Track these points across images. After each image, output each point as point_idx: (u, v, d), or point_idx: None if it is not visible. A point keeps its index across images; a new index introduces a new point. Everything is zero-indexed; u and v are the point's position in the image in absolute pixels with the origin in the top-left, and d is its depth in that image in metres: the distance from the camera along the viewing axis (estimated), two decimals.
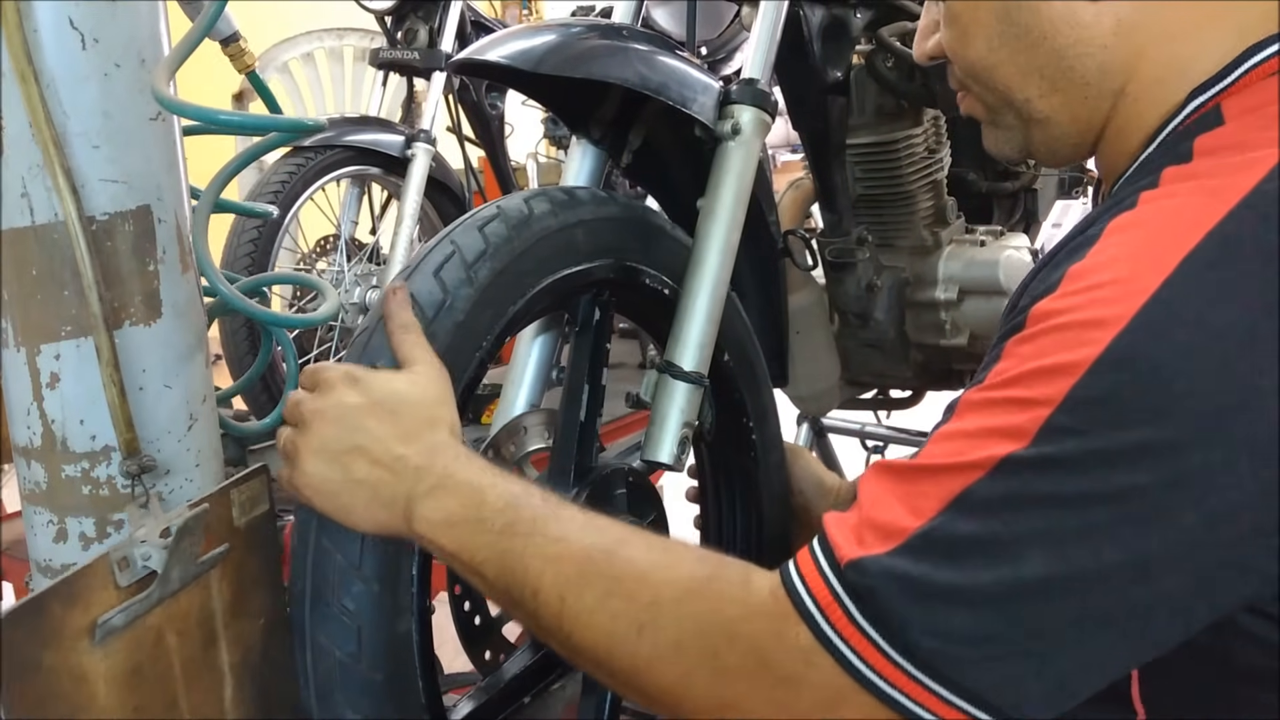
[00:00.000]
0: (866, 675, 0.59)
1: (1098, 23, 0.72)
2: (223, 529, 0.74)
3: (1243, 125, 0.67)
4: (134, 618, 0.67)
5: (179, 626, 0.71)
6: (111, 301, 0.75)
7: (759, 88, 1.06)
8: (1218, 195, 0.61)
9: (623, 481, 0.98)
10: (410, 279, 0.86)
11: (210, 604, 0.73)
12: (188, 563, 0.70)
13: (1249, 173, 0.61)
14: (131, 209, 0.76)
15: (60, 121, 0.72)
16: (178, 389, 0.79)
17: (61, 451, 0.76)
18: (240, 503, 0.76)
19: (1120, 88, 0.73)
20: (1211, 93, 0.70)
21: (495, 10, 4.87)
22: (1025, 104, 0.78)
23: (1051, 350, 0.60)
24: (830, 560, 0.62)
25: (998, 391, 0.62)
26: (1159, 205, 0.64)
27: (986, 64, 0.78)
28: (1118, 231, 0.64)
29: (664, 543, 0.71)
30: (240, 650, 0.76)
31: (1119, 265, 0.61)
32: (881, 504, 0.63)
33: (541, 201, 0.97)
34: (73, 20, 0.71)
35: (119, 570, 0.67)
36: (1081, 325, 0.59)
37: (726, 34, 2.36)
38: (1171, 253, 0.59)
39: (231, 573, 0.75)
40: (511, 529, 0.71)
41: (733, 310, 1.18)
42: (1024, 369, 0.61)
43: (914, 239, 1.65)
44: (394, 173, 2.48)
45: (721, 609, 0.65)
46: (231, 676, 0.75)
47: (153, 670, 0.69)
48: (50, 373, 0.75)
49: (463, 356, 0.86)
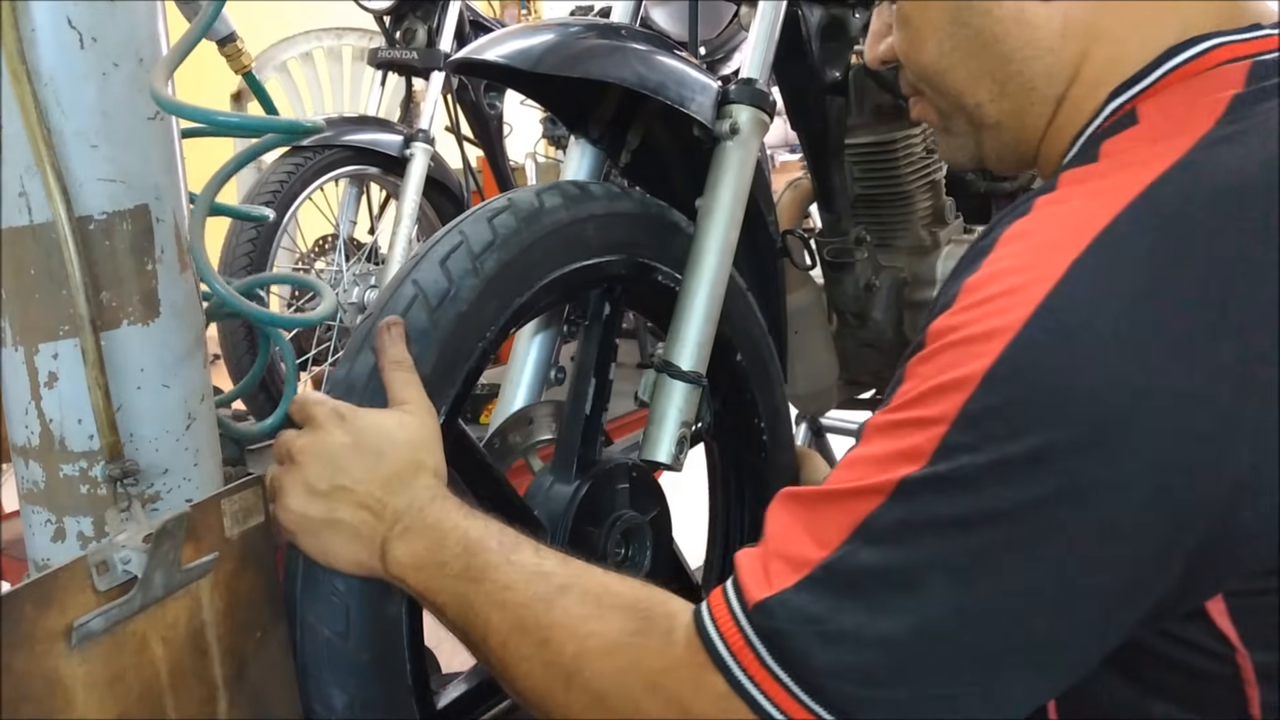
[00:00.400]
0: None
1: (1048, 24, 0.71)
2: (213, 539, 0.74)
3: (1152, 126, 0.65)
4: (114, 623, 0.66)
5: (166, 635, 0.70)
6: (109, 301, 0.75)
7: (757, 87, 1.06)
8: (1108, 197, 0.60)
9: (625, 476, 0.98)
10: (417, 267, 0.87)
11: (201, 614, 0.73)
12: (171, 569, 0.70)
13: (1143, 172, 0.60)
14: (130, 208, 0.76)
15: (58, 121, 0.72)
16: (176, 389, 0.79)
17: (59, 451, 0.76)
18: (233, 513, 0.75)
19: (1063, 93, 0.72)
20: (1129, 94, 0.68)
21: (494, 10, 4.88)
22: (976, 109, 0.77)
23: (946, 367, 0.59)
24: (740, 601, 0.62)
25: (898, 413, 0.61)
26: (1051, 210, 0.63)
27: (938, 67, 0.77)
28: (1011, 240, 0.63)
29: (603, 590, 0.70)
30: (234, 663, 0.75)
31: (1010, 275, 0.60)
32: (788, 535, 0.63)
33: (553, 195, 0.97)
34: (71, 20, 0.71)
35: (98, 574, 0.66)
36: (973, 339, 0.58)
37: (725, 34, 2.36)
38: (1059, 259, 0.58)
39: (224, 584, 0.75)
40: (467, 573, 0.73)
41: (747, 310, 1.19)
42: (922, 388, 0.60)
43: (912, 239, 1.65)
44: (392, 172, 2.48)
45: (644, 661, 0.65)
46: (225, 690, 0.75)
47: (137, 678, 0.68)
48: (48, 372, 0.75)
49: (465, 346, 0.87)
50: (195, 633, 0.73)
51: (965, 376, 0.57)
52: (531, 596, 0.70)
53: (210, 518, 0.74)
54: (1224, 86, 0.64)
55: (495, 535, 0.75)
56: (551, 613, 0.69)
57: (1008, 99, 0.74)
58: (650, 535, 1.02)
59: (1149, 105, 0.67)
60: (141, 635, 0.69)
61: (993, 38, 0.73)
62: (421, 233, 2.74)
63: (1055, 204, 0.64)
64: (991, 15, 0.72)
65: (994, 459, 0.56)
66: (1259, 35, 0.67)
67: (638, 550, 1.01)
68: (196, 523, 0.73)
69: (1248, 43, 0.66)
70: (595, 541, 0.98)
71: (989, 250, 0.63)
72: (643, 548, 1.01)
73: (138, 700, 0.68)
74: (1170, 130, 0.63)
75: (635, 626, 0.67)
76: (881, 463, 0.60)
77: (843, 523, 0.60)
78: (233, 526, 0.75)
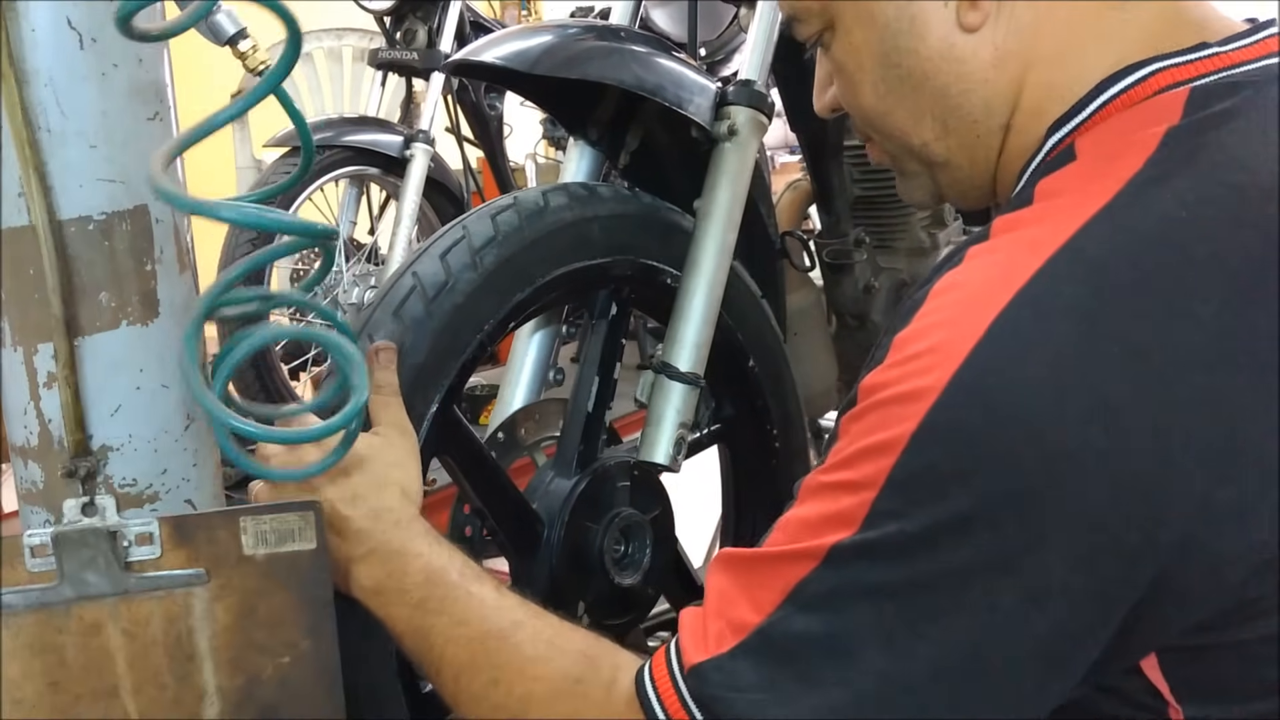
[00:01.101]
0: None
1: (976, 56, 0.68)
2: (217, 552, 0.74)
3: (1087, 164, 0.63)
4: (37, 603, 0.69)
5: (128, 628, 0.71)
6: (108, 301, 0.75)
7: (755, 89, 1.07)
8: (1033, 249, 0.58)
9: (626, 474, 0.99)
10: (419, 259, 0.89)
11: (188, 620, 0.73)
12: (110, 572, 0.71)
13: (1069, 220, 0.58)
14: (129, 209, 0.76)
15: (58, 121, 0.72)
16: (175, 389, 0.79)
17: (58, 451, 0.76)
18: (258, 533, 0.74)
19: (1006, 121, 0.70)
20: (1067, 128, 0.66)
21: (494, 11, 4.87)
22: (923, 148, 0.75)
23: (874, 428, 0.58)
24: (679, 663, 0.62)
25: (831, 475, 0.61)
26: (981, 261, 0.62)
27: (878, 111, 0.75)
28: (941, 294, 0.61)
29: (554, 633, 0.71)
30: (240, 677, 0.75)
31: (936, 331, 0.58)
32: (726, 597, 0.63)
33: (559, 195, 0.99)
34: (71, 20, 0.71)
35: (31, 555, 0.68)
36: (899, 399, 0.57)
37: (725, 35, 2.36)
38: (983, 315, 0.56)
39: (234, 600, 0.74)
40: (425, 604, 0.73)
41: (763, 319, 1.21)
42: (852, 449, 0.59)
43: (911, 241, 1.66)
44: (392, 173, 2.48)
45: (584, 711, 0.66)
46: (220, 698, 0.74)
47: (79, 655, 0.70)
48: (47, 372, 0.75)
49: (461, 338, 0.88)
50: (176, 636, 0.73)
51: (891, 440, 0.57)
52: (485, 634, 0.71)
53: (218, 532, 0.74)
54: (1159, 119, 0.61)
55: (458, 567, 0.75)
56: (503, 652, 0.70)
57: (952, 135, 0.73)
58: (650, 534, 1.02)
59: (1086, 140, 0.65)
60: (91, 620, 0.70)
61: (923, 76, 0.70)
62: (421, 233, 2.74)
63: (985, 254, 0.62)
64: (918, 54, 0.70)
65: (921, 526, 0.55)
66: (1201, 56, 0.64)
67: (637, 548, 1.02)
68: (195, 534, 0.73)
69: (1188, 65, 0.63)
70: (593, 537, 0.99)
71: (920, 303, 0.62)
72: (642, 546, 1.01)
73: (79, 675, 0.70)
74: (1100, 171, 0.61)
75: (580, 674, 0.67)
76: (814, 526, 0.60)
77: (777, 586, 0.59)
78: (256, 546, 0.74)
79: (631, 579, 1.00)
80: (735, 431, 1.24)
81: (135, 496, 0.77)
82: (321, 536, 0.74)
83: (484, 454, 0.96)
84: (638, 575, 1.00)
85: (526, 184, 3.52)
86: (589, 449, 1.03)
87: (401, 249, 2.36)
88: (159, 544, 0.73)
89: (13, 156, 0.71)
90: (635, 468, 1.05)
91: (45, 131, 0.72)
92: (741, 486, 1.27)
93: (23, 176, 0.71)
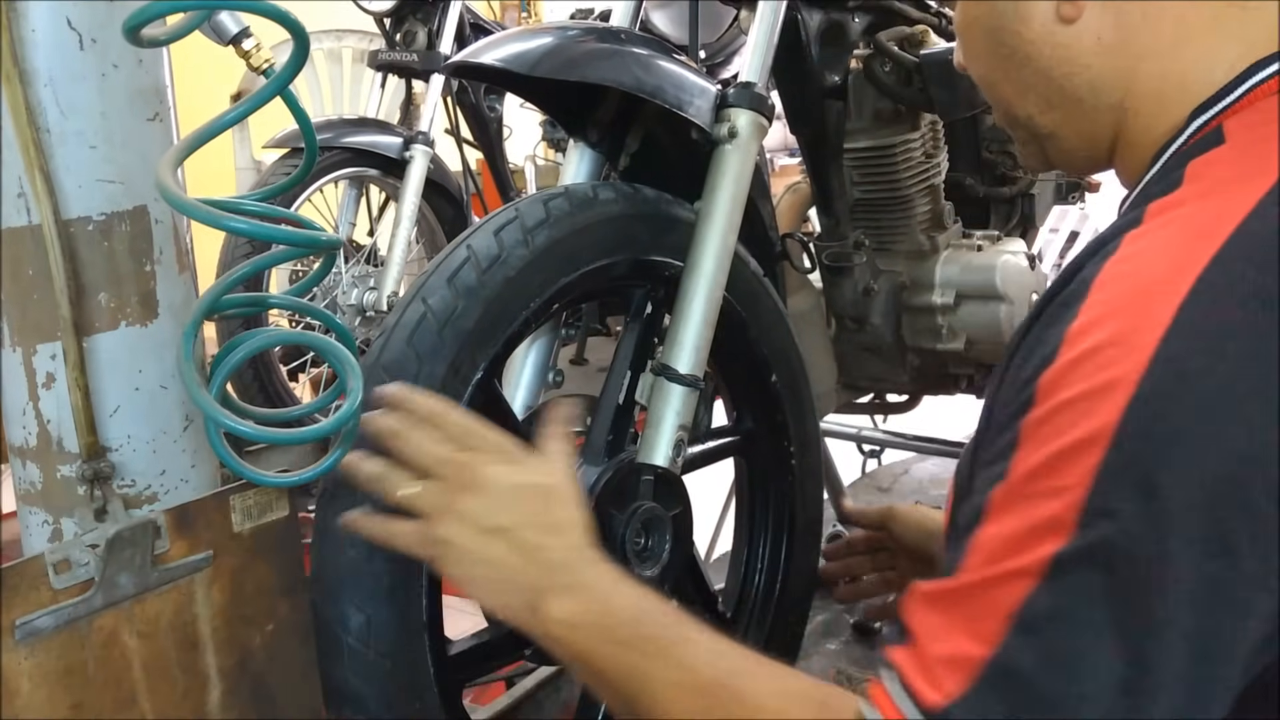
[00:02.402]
0: None
1: (1079, 42, 0.73)
2: (214, 534, 0.74)
3: (1240, 145, 0.65)
4: (67, 620, 0.67)
5: (142, 629, 0.71)
6: (107, 302, 0.75)
7: (756, 91, 1.07)
8: (1203, 234, 0.59)
9: (651, 469, 0.99)
10: (473, 234, 0.94)
11: (193, 608, 0.73)
12: (141, 570, 0.70)
13: (1236, 203, 0.59)
14: (128, 209, 0.76)
15: (57, 121, 0.72)
16: (174, 389, 0.79)
17: (57, 451, 0.76)
18: (244, 508, 0.76)
19: (1118, 101, 0.73)
20: (1213, 111, 0.68)
21: (494, 12, 4.88)
22: (1029, 120, 0.79)
23: (1068, 427, 0.57)
24: (918, 708, 0.59)
25: (1026, 484, 0.59)
26: (1145, 246, 0.62)
27: (988, 80, 0.81)
28: (1108, 284, 0.62)
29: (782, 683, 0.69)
30: (236, 654, 0.76)
31: (1112, 321, 0.59)
32: (940, 635, 0.60)
33: (608, 190, 1.03)
34: (71, 20, 0.71)
35: (56, 572, 0.67)
36: (1090, 395, 0.57)
37: (725, 37, 2.36)
38: (1166, 303, 0.57)
39: (227, 577, 0.75)
40: (636, 644, 0.71)
41: (786, 335, 1.23)
42: (1046, 453, 0.58)
43: (911, 243, 1.66)
44: (392, 174, 2.48)
45: None
46: (221, 680, 0.75)
47: (99, 671, 0.69)
48: (46, 373, 0.75)
49: (509, 310, 0.93)
50: (183, 626, 0.73)
51: (1090, 436, 0.56)
52: (713, 681, 0.68)
53: (213, 514, 0.74)
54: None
55: (661, 607, 0.74)
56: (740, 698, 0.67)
57: (1056, 110, 0.77)
58: (670, 530, 1.03)
59: (1235, 122, 0.67)
60: (110, 630, 0.69)
61: (1026, 57, 0.75)
62: (420, 235, 2.74)
63: (1145, 239, 0.63)
64: (1022, 37, 0.75)
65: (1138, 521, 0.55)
66: None
67: (657, 542, 1.02)
68: (195, 519, 0.73)
69: None
70: (616, 526, 0.99)
71: (1083, 295, 0.62)
72: (662, 540, 1.02)
73: (100, 690, 0.69)
74: (1258, 152, 0.62)
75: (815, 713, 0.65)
76: (1021, 540, 0.58)
77: (998, 613, 0.57)
78: (243, 522, 0.76)
79: (650, 571, 1.01)
80: (753, 445, 1.25)
81: (134, 498, 0.77)
82: (294, 503, 0.78)
83: (521, 431, 0.96)
84: (656, 569, 1.01)
85: (526, 186, 3.52)
86: (617, 440, 1.04)
87: (401, 250, 2.35)
88: (166, 536, 0.73)
89: (15, 157, 0.71)
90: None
91: (45, 132, 0.72)
92: (756, 502, 1.27)
93: (28, 177, 0.71)
